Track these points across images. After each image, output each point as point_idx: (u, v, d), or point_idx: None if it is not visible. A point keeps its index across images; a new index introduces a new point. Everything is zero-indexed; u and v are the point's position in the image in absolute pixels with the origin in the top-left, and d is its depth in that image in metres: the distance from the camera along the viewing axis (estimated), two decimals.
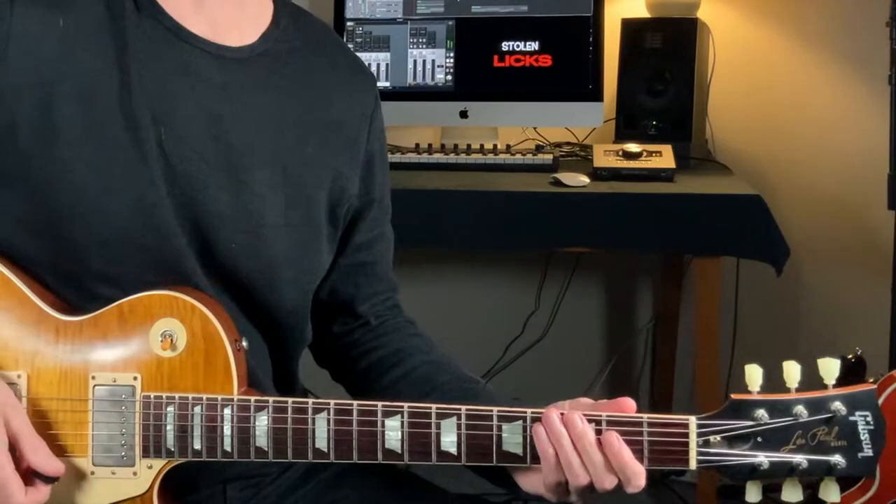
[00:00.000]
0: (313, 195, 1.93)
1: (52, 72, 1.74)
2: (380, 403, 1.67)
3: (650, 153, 3.44)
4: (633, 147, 3.45)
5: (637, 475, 1.57)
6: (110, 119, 1.75)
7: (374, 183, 2.05)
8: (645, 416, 1.58)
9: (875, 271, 3.99)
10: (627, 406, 1.61)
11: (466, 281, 4.45)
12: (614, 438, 1.56)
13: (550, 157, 3.61)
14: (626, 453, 1.56)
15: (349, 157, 1.99)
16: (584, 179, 3.32)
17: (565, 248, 3.84)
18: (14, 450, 1.61)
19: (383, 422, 1.66)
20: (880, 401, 2.31)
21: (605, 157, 3.46)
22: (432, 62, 3.92)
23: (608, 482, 1.58)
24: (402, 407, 1.66)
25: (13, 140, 1.73)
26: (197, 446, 1.69)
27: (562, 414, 1.60)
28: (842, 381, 1.58)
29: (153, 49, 1.80)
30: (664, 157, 3.42)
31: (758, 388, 1.55)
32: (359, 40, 3.95)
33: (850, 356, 1.80)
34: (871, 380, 2.12)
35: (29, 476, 1.62)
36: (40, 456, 1.63)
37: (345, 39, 3.92)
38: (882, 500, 2.39)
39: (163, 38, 1.81)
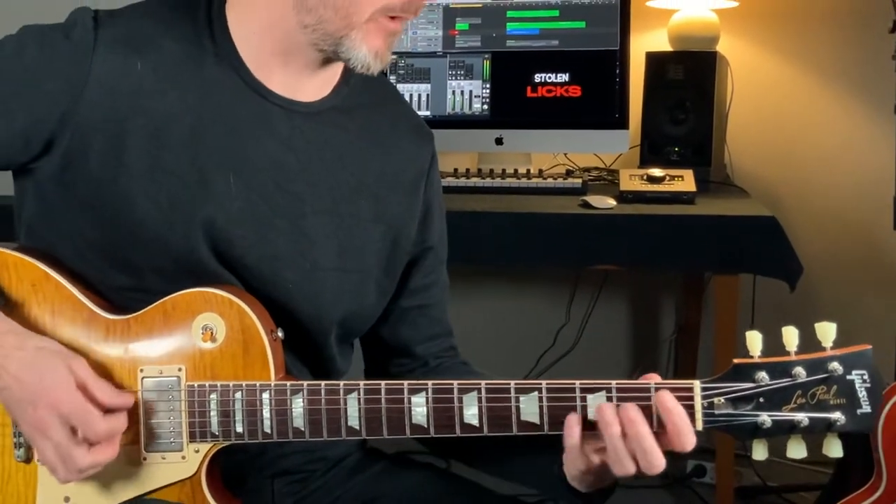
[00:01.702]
0: (366, 244, 1.94)
1: (127, 110, 1.76)
2: (406, 382, 1.68)
3: (672, 177, 3.43)
4: (656, 172, 3.45)
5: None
6: (178, 160, 1.77)
7: (430, 231, 2.04)
8: (652, 383, 1.59)
9: (882, 287, 4.00)
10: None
11: (502, 296, 4.45)
12: (668, 398, 1.56)
13: (580, 181, 3.62)
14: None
15: (406, 209, 1.99)
16: (611, 202, 3.32)
17: (593, 266, 3.82)
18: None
19: (410, 399, 1.67)
20: (885, 409, 2.31)
21: (630, 181, 3.46)
22: (470, 93, 3.91)
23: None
24: (426, 384, 1.67)
25: (85, 167, 1.76)
26: (239, 429, 1.72)
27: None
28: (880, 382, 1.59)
29: (227, 98, 1.82)
30: (685, 181, 3.41)
31: (758, 353, 1.56)
32: (401, 72, 3.96)
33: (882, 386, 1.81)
34: (884, 384, 2.13)
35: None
36: (107, 393, 1.67)
37: (388, 72, 3.90)
38: (890, 500, 2.38)
39: (238, 90, 1.82)
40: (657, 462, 1.56)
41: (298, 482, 1.97)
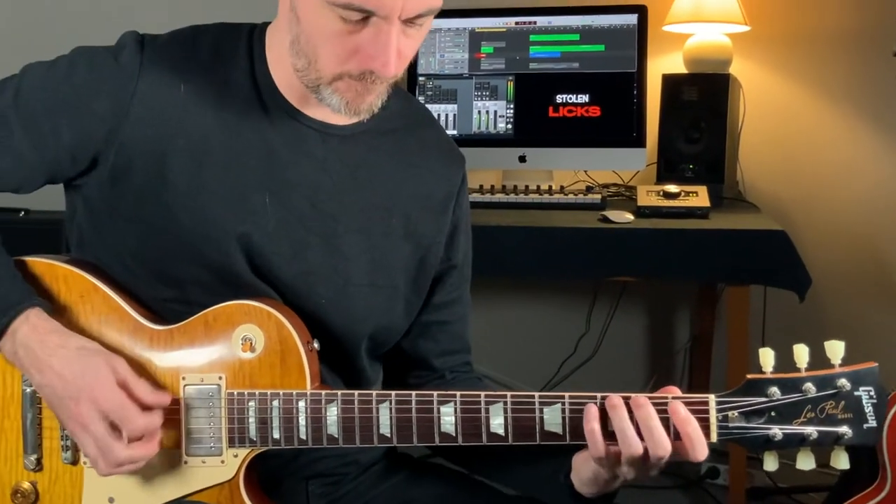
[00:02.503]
0: (396, 261, 1.95)
1: (169, 129, 1.79)
2: (435, 393, 1.70)
3: (687, 193, 3.44)
4: (672, 188, 3.46)
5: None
6: (217, 178, 1.80)
7: (455, 251, 2.05)
8: (670, 396, 1.61)
9: (887, 297, 4.00)
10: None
11: (525, 306, 4.44)
12: (681, 408, 1.59)
13: (599, 196, 3.61)
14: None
15: (435, 228, 1.99)
16: (629, 216, 3.33)
17: (612, 278, 3.82)
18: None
19: (439, 408, 1.69)
20: (890, 414, 2.33)
21: (647, 196, 3.47)
22: (494, 113, 3.92)
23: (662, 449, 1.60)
24: (454, 395, 1.69)
25: (130, 183, 1.79)
26: (276, 435, 1.74)
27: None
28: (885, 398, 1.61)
29: (264, 122, 1.84)
30: (700, 197, 3.42)
31: (770, 369, 1.58)
32: (429, 93, 3.97)
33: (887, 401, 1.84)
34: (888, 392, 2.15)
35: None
36: (146, 392, 1.69)
37: (416, 93, 3.94)
38: (894, 501, 2.39)
39: (274, 113, 1.85)
40: (663, 441, 1.58)
41: (331, 485, 1.98)
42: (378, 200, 1.92)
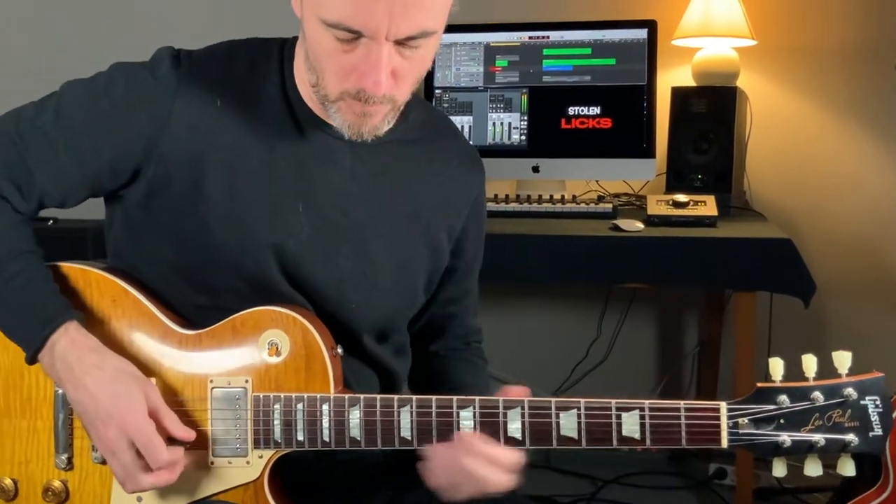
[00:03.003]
0: (416, 266, 1.98)
1: (206, 142, 1.81)
2: (455, 398, 1.72)
3: (696, 202, 3.44)
4: (681, 197, 3.46)
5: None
6: (252, 189, 1.82)
7: (463, 250, 2.07)
8: (682, 403, 1.63)
9: (890, 303, 4.00)
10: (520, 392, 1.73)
11: (538, 312, 4.45)
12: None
13: (610, 205, 3.63)
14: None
15: (448, 233, 2.02)
16: (640, 225, 3.34)
17: (623, 284, 3.83)
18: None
19: (458, 413, 1.71)
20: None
21: (657, 205, 3.47)
22: (509, 124, 3.94)
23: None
24: (473, 400, 1.71)
25: (167, 192, 1.81)
26: (300, 437, 1.75)
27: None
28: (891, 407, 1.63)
29: (295, 134, 1.85)
30: (708, 206, 3.42)
31: (780, 378, 1.60)
32: (445, 105, 3.97)
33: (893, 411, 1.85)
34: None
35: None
36: (174, 424, 1.71)
37: (434, 104, 3.94)
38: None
39: (304, 126, 1.86)
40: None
41: (351, 489, 1.99)
42: (402, 207, 1.94)
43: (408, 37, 1.68)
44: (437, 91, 4.00)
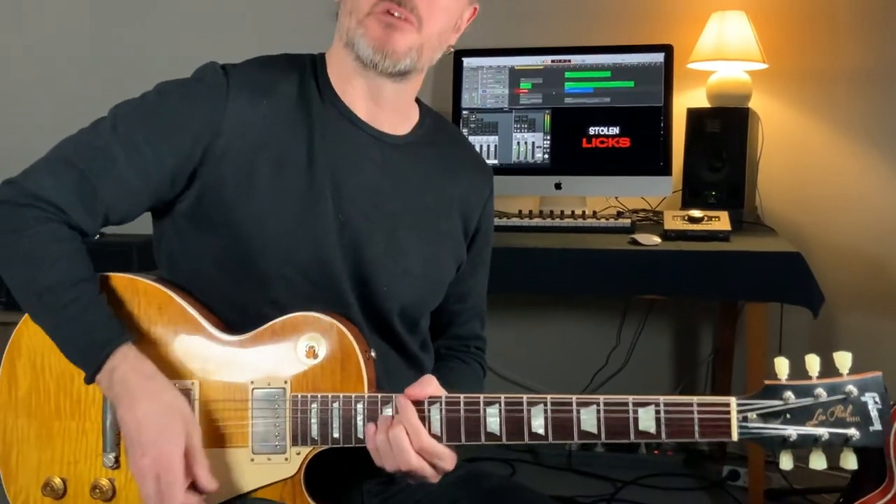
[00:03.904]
0: (444, 259, 2.03)
1: (255, 141, 1.85)
2: (482, 396, 1.72)
3: (710, 218, 3.44)
4: (696, 213, 3.47)
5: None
6: (297, 182, 1.86)
7: (472, 246, 2.12)
8: (695, 399, 1.64)
9: (895, 314, 4.00)
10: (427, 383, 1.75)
11: (560, 321, 4.46)
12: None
13: (629, 221, 3.62)
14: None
15: (463, 230, 2.08)
16: (657, 239, 3.34)
17: (641, 296, 3.85)
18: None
19: (485, 409, 1.71)
20: None
21: (673, 220, 3.48)
22: (532, 144, 3.96)
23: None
24: (499, 398, 1.71)
25: (220, 192, 1.84)
26: (336, 435, 1.76)
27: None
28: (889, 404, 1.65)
29: (332, 130, 1.91)
30: (722, 221, 3.42)
31: (785, 376, 1.62)
32: (472, 126, 4.00)
33: (891, 407, 1.87)
34: (892, 402, 2.19)
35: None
36: (203, 471, 1.72)
37: (461, 125, 3.98)
38: None
39: (340, 124, 1.92)
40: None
41: (384, 484, 1.99)
42: (427, 203, 2.00)
43: None
44: (464, 112, 4.02)
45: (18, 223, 1.78)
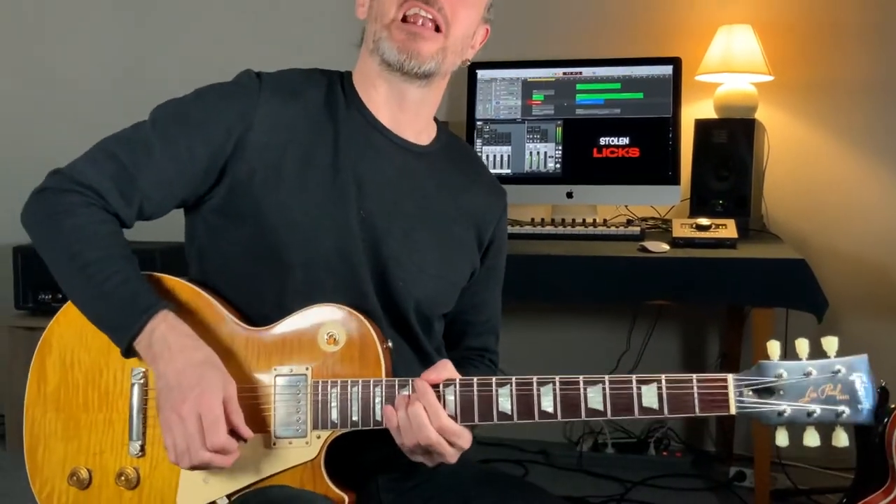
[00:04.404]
0: (458, 262, 2.08)
1: (283, 137, 1.92)
2: (494, 378, 1.76)
3: (717, 226, 3.46)
4: (703, 221, 3.49)
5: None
6: (322, 178, 1.92)
7: (486, 257, 2.15)
8: (694, 376, 1.68)
9: None
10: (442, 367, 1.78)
11: (572, 326, 4.49)
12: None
13: (638, 228, 3.66)
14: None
15: (478, 242, 2.11)
16: (665, 247, 3.36)
17: (650, 301, 3.82)
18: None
19: (497, 390, 1.74)
20: None
21: (681, 228, 3.49)
22: (545, 153, 3.98)
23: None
24: (510, 379, 1.74)
25: (250, 185, 1.90)
26: (355, 418, 1.79)
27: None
28: (876, 384, 1.70)
29: (356, 133, 1.97)
30: (728, 229, 3.44)
31: (776, 358, 1.68)
32: (486, 136, 4.02)
33: (877, 387, 1.91)
34: (892, 405, 2.21)
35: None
36: (240, 419, 1.76)
37: (475, 136, 4.01)
38: None
39: (363, 127, 1.99)
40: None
41: (398, 479, 2.01)
42: (443, 208, 2.05)
43: None
44: (478, 123, 4.04)
45: (61, 206, 1.84)
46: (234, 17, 4.77)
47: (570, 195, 3.94)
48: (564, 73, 3.99)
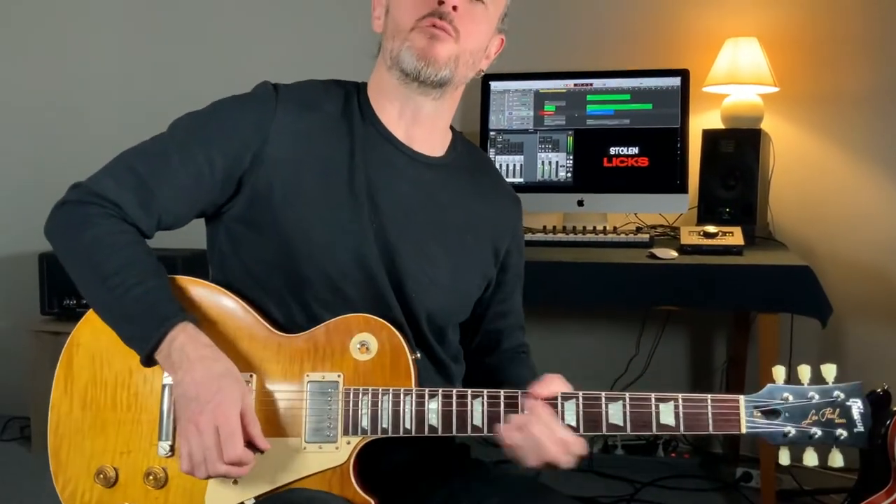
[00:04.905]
0: (470, 272, 2.07)
1: (301, 149, 1.92)
2: (519, 392, 1.80)
3: (724, 233, 3.48)
4: (711, 229, 3.50)
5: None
6: (338, 191, 1.92)
7: (509, 266, 2.16)
8: (709, 396, 1.76)
9: None
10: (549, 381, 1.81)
11: (583, 331, 4.50)
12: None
13: (647, 236, 3.66)
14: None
15: (493, 251, 2.11)
16: (674, 253, 3.37)
17: (659, 307, 3.84)
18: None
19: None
20: None
21: (689, 236, 3.51)
22: (556, 163, 4.00)
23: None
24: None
25: (269, 198, 1.89)
26: (385, 425, 1.80)
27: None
28: (871, 410, 1.77)
29: (370, 147, 1.97)
30: (735, 237, 3.46)
31: (782, 381, 1.76)
32: (499, 146, 4.03)
33: (879, 390, 1.97)
34: (895, 408, 2.23)
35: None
36: (258, 431, 1.76)
37: (488, 146, 4.02)
38: None
39: (378, 141, 1.98)
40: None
41: (414, 481, 2.01)
42: (456, 220, 2.04)
43: None
44: (491, 133, 4.06)
45: (82, 218, 1.84)
46: (258, 24, 4.82)
47: (580, 203, 3.95)
48: (575, 85, 4.01)
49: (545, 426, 1.76)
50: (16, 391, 4.85)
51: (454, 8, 1.89)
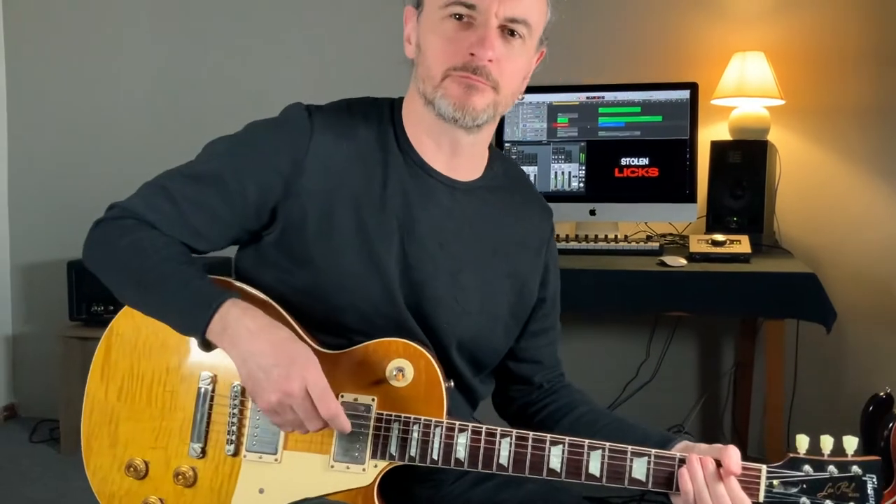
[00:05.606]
0: (500, 294, 1.98)
1: (335, 181, 1.85)
2: (548, 436, 1.74)
3: (732, 241, 3.47)
4: (719, 237, 3.50)
5: None
6: (371, 222, 1.85)
7: (547, 288, 2.09)
8: (734, 461, 1.69)
9: None
10: (732, 451, 1.70)
11: (594, 337, 4.50)
12: (734, 484, 1.69)
13: (657, 244, 3.66)
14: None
15: (531, 268, 2.04)
16: (683, 261, 3.37)
17: (668, 313, 3.84)
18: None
19: (549, 449, 1.73)
20: None
21: (698, 244, 3.50)
22: (569, 173, 4.00)
23: None
24: (564, 439, 1.73)
25: (303, 230, 1.84)
26: (413, 453, 1.76)
27: (700, 458, 1.70)
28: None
29: (405, 176, 1.89)
30: (742, 245, 3.46)
31: (804, 451, 1.72)
32: (514, 157, 4.02)
33: (882, 394, 1.97)
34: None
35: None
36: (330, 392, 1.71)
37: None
38: None
39: (412, 170, 1.90)
40: None
41: (432, 488, 1.98)
42: (488, 244, 1.97)
43: (512, 18, 1.80)
44: (506, 144, 4.04)
45: (118, 231, 1.84)
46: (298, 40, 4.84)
47: (593, 213, 3.96)
48: (587, 98, 4.00)
49: (732, 493, 1.70)
50: (45, 395, 4.91)
51: (489, 60, 1.81)
